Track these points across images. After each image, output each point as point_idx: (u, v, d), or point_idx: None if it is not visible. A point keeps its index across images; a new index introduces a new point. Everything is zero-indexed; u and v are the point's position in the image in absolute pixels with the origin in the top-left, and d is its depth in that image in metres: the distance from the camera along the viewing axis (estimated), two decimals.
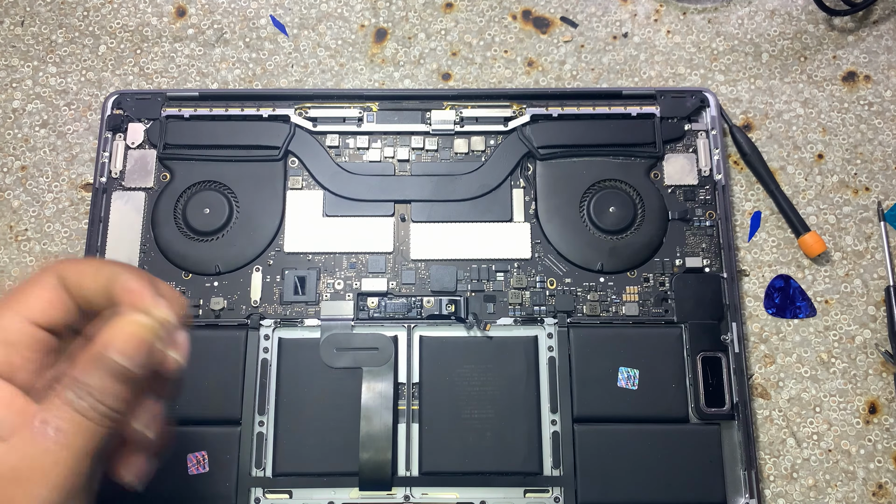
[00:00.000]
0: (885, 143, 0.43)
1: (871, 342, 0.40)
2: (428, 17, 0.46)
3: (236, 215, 0.41)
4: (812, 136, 0.43)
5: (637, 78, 0.45)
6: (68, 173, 0.43)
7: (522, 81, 0.45)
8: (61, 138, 0.44)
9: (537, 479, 0.37)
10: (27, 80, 0.45)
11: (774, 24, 0.46)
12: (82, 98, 0.44)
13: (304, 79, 0.45)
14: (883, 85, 0.44)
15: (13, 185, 0.43)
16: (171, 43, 0.46)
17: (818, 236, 0.41)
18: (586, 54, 0.45)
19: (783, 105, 0.44)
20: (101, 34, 0.46)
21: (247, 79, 0.45)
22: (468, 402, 0.37)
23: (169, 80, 0.45)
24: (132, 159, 0.42)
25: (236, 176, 0.41)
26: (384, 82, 0.45)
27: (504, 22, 0.46)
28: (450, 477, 0.37)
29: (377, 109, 0.42)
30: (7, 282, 0.41)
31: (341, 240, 0.40)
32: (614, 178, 0.41)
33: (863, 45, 0.45)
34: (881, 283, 0.41)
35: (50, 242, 0.42)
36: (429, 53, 0.45)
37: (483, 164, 0.41)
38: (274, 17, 0.46)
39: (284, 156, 0.41)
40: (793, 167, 0.43)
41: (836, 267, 0.41)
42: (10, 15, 0.46)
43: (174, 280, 0.40)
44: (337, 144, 0.42)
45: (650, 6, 0.46)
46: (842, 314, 0.41)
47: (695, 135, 0.42)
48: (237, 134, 0.42)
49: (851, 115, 0.44)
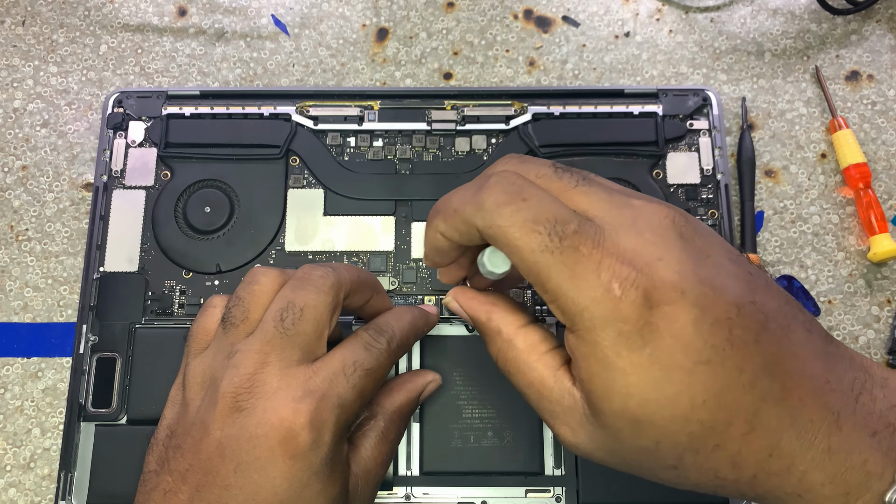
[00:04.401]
0: (888, 142, 0.43)
1: (874, 342, 0.40)
2: (429, 16, 0.46)
3: (237, 214, 0.40)
4: (815, 136, 0.43)
5: (639, 77, 0.45)
6: (69, 173, 0.43)
7: (524, 80, 0.45)
8: (62, 138, 0.44)
9: (539, 479, 0.36)
10: (28, 80, 0.45)
11: (777, 23, 0.46)
12: (83, 98, 0.44)
13: (306, 78, 0.45)
14: (886, 84, 0.44)
15: (14, 185, 0.43)
16: (172, 42, 0.46)
17: (758, 259, 0.40)
18: (588, 53, 0.45)
19: (786, 104, 0.44)
20: (102, 34, 0.46)
21: (248, 78, 0.45)
22: (469, 402, 0.37)
23: (170, 80, 0.45)
24: (133, 158, 0.41)
25: (237, 174, 0.41)
26: (385, 81, 0.45)
27: (506, 21, 0.46)
28: (451, 476, 0.36)
29: (378, 108, 0.42)
30: (7, 282, 0.41)
31: (342, 238, 0.40)
32: (616, 176, 0.41)
33: (866, 45, 0.45)
34: (885, 284, 0.41)
35: (51, 242, 0.42)
36: (430, 53, 0.45)
37: (485, 163, 0.41)
38: (275, 17, 0.46)
39: (285, 154, 0.41)
40: (795, 166, 0.43)
41: (840, 267, 0.41)
42: (12, 15, 0.46)
43: (175, 279, 0.39)
44: (338, 143, 0.42)
45: (652, 5, 0.46)
46: (845, 314, 0.40)
47: (696, 133, 0.42)
48: (238, 132, 0.41)
49: (855, 114, 0.44)
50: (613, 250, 0.22)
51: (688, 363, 0.22)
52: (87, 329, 0.38)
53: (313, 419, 0.27)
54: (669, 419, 0.22)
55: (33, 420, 0.39)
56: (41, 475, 0.38)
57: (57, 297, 0.41)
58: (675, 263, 0.22)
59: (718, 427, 0.22)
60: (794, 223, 0.42)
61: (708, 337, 0.22)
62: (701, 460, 0.23)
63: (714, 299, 0.22)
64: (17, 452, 0.39)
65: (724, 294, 0.22)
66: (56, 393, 0.39)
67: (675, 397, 0.22)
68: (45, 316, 0.41)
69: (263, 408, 0.27)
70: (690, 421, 0.22)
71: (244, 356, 0.27)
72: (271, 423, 0.26)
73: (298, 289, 0.29)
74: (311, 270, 0.30)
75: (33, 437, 0.39)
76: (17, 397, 0.39)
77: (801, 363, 0.23)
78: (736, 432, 0.22)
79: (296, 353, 0.28)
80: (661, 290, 0.22)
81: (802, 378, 0.22)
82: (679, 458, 0.23)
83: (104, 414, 0.37)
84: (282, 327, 0.28)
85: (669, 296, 0.22)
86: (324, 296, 0.29)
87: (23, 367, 0.40)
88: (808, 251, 0.41)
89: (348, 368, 0.28)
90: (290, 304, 0.28)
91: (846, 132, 0.42)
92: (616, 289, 0.22)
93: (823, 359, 0.23)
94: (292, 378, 0.27)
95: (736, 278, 0.23)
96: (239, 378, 0.27)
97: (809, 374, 0.23)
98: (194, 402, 0.28)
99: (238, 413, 0.27)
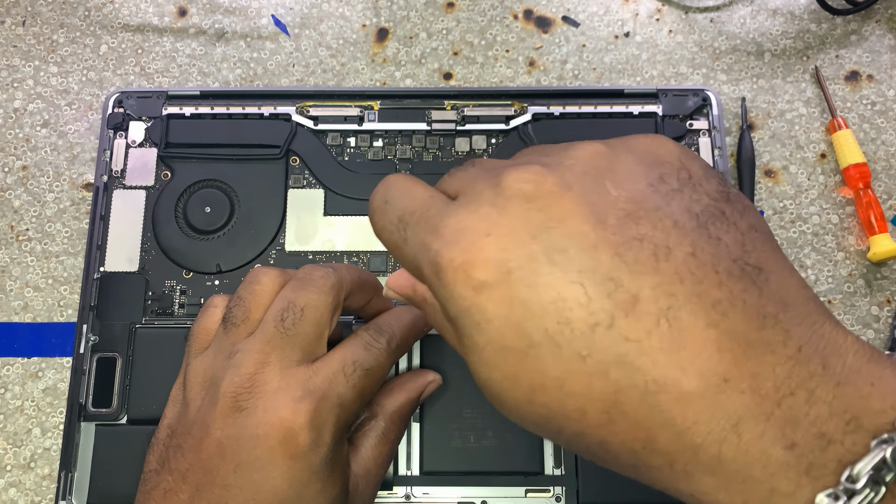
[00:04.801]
0: (888, 142, 0.43)
1: (874, 342, 0.40)
2: (429, 16, 0.46)
3: (237, 214, 0.41)
4: (815, 136, 0.43)
5: (639, 77, 0.45)
6: (69, 173, 0.43)
7: (524, 81, 0.45)
8: (62, 138, 0.44)
9: (539, 479, 0.36)
10: (28, 80, 0.45)
11: (777, 23, 0.46)
12: (83, 98, 0.44)
13: (306, 78, 0.45)
14: (886, 84, 0.44)
15: (14, 185, 0.43)
16: (172, 42, 0.46)
17: None
18: (588, 53, 0.45)
19: (786, 104, 0.44)
20: (103, 34, 0.46)
21: (248, 78, 0.45)
22: (469, 401, 0.37)
23: (170, 80, 0.45)
24: (133, 158, 0.42)
25: (237, 174, 0.41)
26: (385, 81, 0.45)
27: (506, 21, 0.46)
28: (451, 476, 0.37)
29: (378, 108, 0.42)
30: (7, 282, 0.41)
31: (342, 239, 0.40)
32: None
33: (866, 45, 0.45)
34: (884, 284, 0.41)
35: (51, 242, 0.42)
36: (430, 53, 0.45)
37: None
38: (275, 17, 0.46)
39: (285, 154, 0.41)
40: (795, 166, 0.43)
41: (840, 267, 0.41)
42: (12, 15, 0.46)
43: (175, 279, 0.39)
44: (338, 143, 0.42)
45: (652, 5, 0.46)
46: (845, 314, 0.40)
47: (696, 133, 0.42)
48: (238, 132, 0.41)
49: (854, 114, 0.44)
50: (444, 232, 0.20)
51: (521, 345, 0.19)
52: (88, 329, 0.38)
53: (313, 419, 0.27)
54: (516, 401, 0.20)
55: (33, 420, 0.39)
56: (41, 475, 0.38)
57: (57, 297, 0.41)
58: (503, 238, 0.19)
59: (571, 415, 0.19)
60: (794, 223, 0.42)
61: (538, 323, 0.19)
62: (582, 446, 0.20)
63: (556, 276, 0.19)
64: (17, 452, 0.39)
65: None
66: (56, 393, 0.39)
67: (514, 380, 0.20)
68: (45, 316, 0.41)
69: (264, 408, 0.27)
70: (535, 404, 0.20)
71: (245, 356, 0.28)
72: (271, 422, 0.26)
73: (299, 289, 0.29)
74: (312, 271, 0.30)
75: (33, 437, 0.39)
76: (18, 397, 0.39)
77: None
78: (593, 421, 0.19)
79: (296, 353, 0.28)
80: (483, 269, 0.19)
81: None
82: (571, 444, 0.20)
83: (104, 414, 0.37)
84: (282, 327, 0.28)
85: (494, 276, 0.19)
86: (324, 296, 0.29)
87: (23, 367, 0.40)
88: (808, 251, 0.41)
89: (348, 368, 0.28)
90: (291, 305, 0.28)
91: (846, 132, 0.42)
92: (446, 272, 0.20)
93: (736, 349, 0.18)
94: (292, 378, 0.27)
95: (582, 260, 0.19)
96: (239, 378, 0.27)
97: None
98: (195, 401, 0.29)
99: (238, 413, 0.27)
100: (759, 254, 0.19)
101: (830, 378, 0.18)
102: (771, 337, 0.18)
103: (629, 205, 0.19)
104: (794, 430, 0.17)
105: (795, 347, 0.18)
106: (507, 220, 0.19)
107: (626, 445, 0.19)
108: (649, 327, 0.18)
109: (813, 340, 0.18)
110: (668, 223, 0.19)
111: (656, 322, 0.18)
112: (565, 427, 0.19)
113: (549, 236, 0.19)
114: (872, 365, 0.18)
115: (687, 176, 0.20)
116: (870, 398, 0.18)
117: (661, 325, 0.18)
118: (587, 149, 0.20)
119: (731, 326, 0.18)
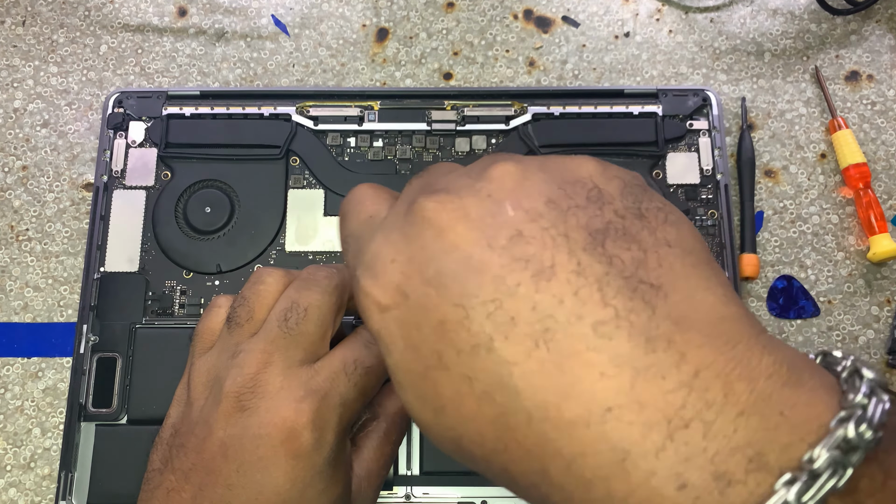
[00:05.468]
0: (888, 142, 0.43)
1: (874, 342, 0.40)
2: (429, 16, 0.46)
3: (237, 214, 0.41)
4: (815, 136, 0.43)
5: (639, 77, 0.45)
6: (69, 173, 0.43)
7: (524, 81, 0.45)
8: (62, 138, 0.44)
9: None
10: (28, 80, 0.45)
11: (777, 23, 0.46)
12: (83, 98, 0.44)
13: (306, 78, 0.45)
14: (886, 84, 0.44)
15: (14, 185, 0.43)
16: (172, 42, 0.46)
17: (757, 260, 0.40)
18: (588, 53, 0.45)
19: (786, 104, 0.44)
20: (103, 34, 0.46)
21: (248, 78, 0.45)
22: None
23: (170, 80, 0.45)
24: (133, 158, 0.42)
25: (237, 174, 0.41)
26: (385, 81, 0.45)
27: (506, 21, 0.46)
28: (451, 476, 0.37)
29: (378, 108, 0.42)
30: (7, 282, 0.41)
31: None
32: None
33: (866, 45, 0.45)
34: (884, 284, 0.41)
35: (51, 242, 0.42)
36: (430, 53, 0.45)
37: None
38: (275, 17, 0.46)
39: (285, 154, 0.41)
40: (795, 166, 0.43)
41: (840, 267, 0.41)
42: (12, 15, 0.46)
43: (175, 279, 0.39)
44: (338, 143, 0.42)
45: (652, 5, 0.46)
46: (845, 314, 0.41)
47: (696, 133, 0.42)
48: (238, 133, 0.41)
49: (854, 114, 0.44)
50: (364, 258, 0.21)
51: (420, 367, 0.19)
52: (88, 329, 0.38)
53: (315, 419, 0.27)
54: (427, 423, 0.20)
55: (34, 420, 0.39)
56: (41, 475, 0.38)
57: (57, 297, 0.41)
58: (404, 265, 0.20)
59: (474, 439, 0.19)
60: (794, 223, 0.42)
61: (431, 346, 0.19)
62: (491, 474, 0.20)
63: (443, 300, 0.19)
64: (17, 452, 0.39)
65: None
66: (56, 393, 0.39)
67: (422, 402, 0.20)
68: (45, 316, 0.41)
69: (266, 408, 0.27)
70: (441, 426, 0.20)
71: (248, 356, 0.28)
72: (274, 422, 0.26)
73: (303, 289, 0.29)
74: (315, 271, 0.30)
75: (34, 437, 0.39)
76: (18, 397, 0.39)
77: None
78: (490, 447, 0.19)
79: (299, 353, 0.28)
80: (386, 294, 0.20)
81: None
82: (485, 473, 0.20)
83: (104, 414, 0.37)
84: (286, 327, 0.28)
85: (394, 300, 0.20)
86: (328, 296, 0.29)
87: (23, 367, 0.40)
88: (808, 251, 0.41)
89: (349, 367, 0.28)
90: (295, 305, 0.28)
91: (846, 132, 0.42)
92: (360, 296, 0.21)
93: (620, 375, 0.16)
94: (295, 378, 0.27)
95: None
96: (242, 378, 0.27)
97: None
98: (198, 401, 0.29)
99: (241, 413, 0.27)
100: (662, 271, 0.18)
101: (732, 407, 0.16)
102: (662, 361, 0.16)
103: (523, 225, 0.18)
104: (687, 469, 0.15)
105: (691, 373, 0.16)
106: (409, 248, 0.20)
107: (527, 477, 0.18)
108: (528, 349, 0.17)
109: (716, 365, 0.16)
110: (559, 241, 0.18)
111: (535, 344, 0.17)
112: (473, 452, 0.19)
113: (442, 262, 0.19)
114: (787, 389, 0.16)
115: (597, 194, 0.19)
116: (777, 430, 0.15)
117: (540, 348, 0.17)
118: (499, 169, 0.20)
119: (615, 349, 0.16)
